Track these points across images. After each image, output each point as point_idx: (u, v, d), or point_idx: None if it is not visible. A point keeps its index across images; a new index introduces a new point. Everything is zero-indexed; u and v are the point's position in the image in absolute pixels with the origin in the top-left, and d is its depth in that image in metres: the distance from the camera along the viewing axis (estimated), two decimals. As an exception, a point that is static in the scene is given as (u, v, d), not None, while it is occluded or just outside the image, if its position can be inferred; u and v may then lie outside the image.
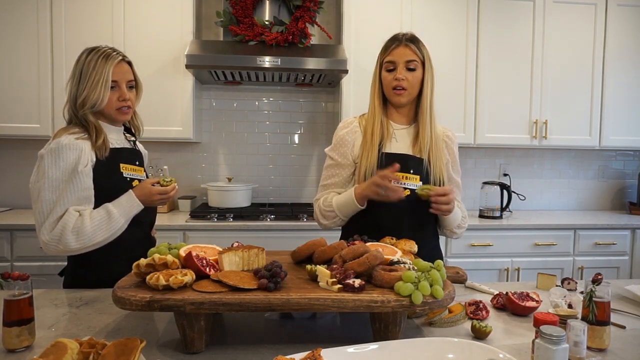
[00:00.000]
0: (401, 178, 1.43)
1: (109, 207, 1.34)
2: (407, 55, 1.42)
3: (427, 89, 1.43)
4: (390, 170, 1.31)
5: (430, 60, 1.46)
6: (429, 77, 1.44)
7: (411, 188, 1.43)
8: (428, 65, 1.44)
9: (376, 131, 1.46)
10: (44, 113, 2.57)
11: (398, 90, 1.43)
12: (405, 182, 1.43)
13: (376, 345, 0.88)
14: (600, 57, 2.95)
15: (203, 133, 3.04)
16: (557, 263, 2.71)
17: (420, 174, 1.44)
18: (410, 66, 1.42)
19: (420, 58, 1.43)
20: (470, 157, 3.26)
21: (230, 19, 2.64)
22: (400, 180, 1.43)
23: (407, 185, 1.43)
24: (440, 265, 1.01)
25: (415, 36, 1.47)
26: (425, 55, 1.44)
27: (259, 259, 1.09)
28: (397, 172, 1.36)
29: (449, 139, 1.51)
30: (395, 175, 1.33)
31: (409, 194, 1.42)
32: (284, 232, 2.50)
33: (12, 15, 2.53)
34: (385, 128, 1.48)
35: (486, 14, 2.83)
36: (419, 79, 1.43)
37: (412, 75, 1.42)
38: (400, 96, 1.44)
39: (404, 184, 1.43)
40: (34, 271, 2.30)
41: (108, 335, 1.03)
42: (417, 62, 1.42)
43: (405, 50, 1.43)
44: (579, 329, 0.86)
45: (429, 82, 1.43)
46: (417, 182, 1.44)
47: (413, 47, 1.43)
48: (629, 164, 3.42)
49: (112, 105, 1.40)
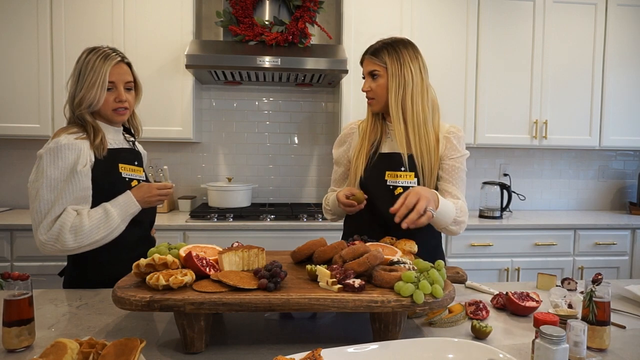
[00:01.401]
0: (393, 176, 1.47)
1: (106, 206, 1.35)
2: (369, 66, 1.48)
3: (391, 94, 1.44)
4: (349, 191, 1.43)
5: (399, 63, 1.43)
6: (393, 82, 1.43)
7: (404, 185, 1.45)
8: (394, 71, 1.43)
9: (367, 132, 1.53)
10: (44, 113, 2.57)
11: (369, 100, 1.51)
12: (397, 180, 1.46)
13: (376, 345, 0.88)
14: (600, 57, 2.95)
15: (203, 133, 3.04)
16: (557, 263, 2.71)
17: (414, 170, 1.46)
18: (374, 74, 1.48)
19: (383, 66, 1.45)
20: (470, 157, 3.23)
21: (230, 19, 2.64)
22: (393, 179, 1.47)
23: (399, 183, 1.46)
24: (441, 265, 1.01)
25: (380, 46, 1.46)
26: (388, 62, 1.44)
27: (259, 259, 1.09)
28: (388, 170, 1.46)
29: (450, 133, 1.49)
30: (352, 193, 1.42)
31: (401, 191, 1.44)
32: (284, 232, 2.50)
33: (12, 15, 2.53)
34: (380, 128, 1.54)
35: (486, 14, 2.83)
36: (383, 86, 1.46)
37: (376, 84, 1.47)
38: (371, 105, 1.52)
39: (396, 182, 1.46)
40: (34, 271, 2.30)
41: (108, 335, 1.03)
42: (378, 70, 1.46)
43: (367, 62, 1.49)
44: (579, 329, 0.86)
45: (393, 87, 1.43)
46: (412, 178, 1.45)
47: (374, 58, 1.46)
48: (629, 164, 3.42)
49: (108, 106, 1.40)
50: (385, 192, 1.46)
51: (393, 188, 1.46)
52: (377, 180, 1.48)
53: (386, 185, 1.47)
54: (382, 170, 1.48)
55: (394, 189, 1.46)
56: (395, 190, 1.46)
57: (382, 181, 1.47)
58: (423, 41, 2.77)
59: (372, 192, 1.48)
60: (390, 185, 1.47)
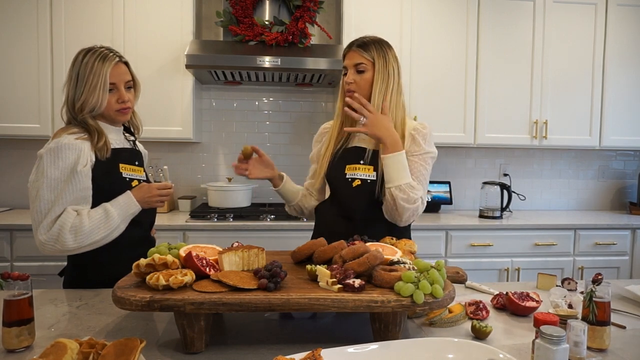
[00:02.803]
0: (352, 169, 1.50)
1: (106, 206, 1.34)
2: (355, 58, 1.48)
3: (375, 89, 1.46)
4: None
5: (384, 59, 1.46)
6: (379, 77, 1.45)
7: (361, 178, 1.48)
8: (380, 65, 1.46)
9: (335, 130, 1.56)
10: (44, 113, 2.57)
11: (349, 93, 1.49)
12: (355, 173, 1.50)
13: (376, 345, 0.88)
14: (600, 57, 2.95)
15: (203, 133, 3.04)
16: (557, 263, 2.71)
17: (375, 164, 1.48)
18: (359, 68, 1.47)
19: (370, 60, 1.47)
20: (470, 157, 3.26)
21: (230, 19, 2.64)
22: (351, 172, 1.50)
23: (357, 175, 1.49)
24: (441, 265, 1.01)
25: (368, 41, 1.49)
26: (376, 57, 1.46)
27: (259, 259, 1.09)
28: (348, 164, 1.49)
29: (415, 131, 1.50)
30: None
31: (359, 183, 1.48)
32: (284, 232, 2.50)
33: (12, 15, 2.53)
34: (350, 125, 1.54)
35: (486, 14, 2.83)
36: (368, 80, 1.47)
37: (360, 77, 1.47)
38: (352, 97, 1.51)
39: (354, 174, 1.49)
40: (34, 271, 2.30)
41: (108, 335, 1.03)
42: (365, 64, 1.46)
43: (353, 55, 1.49)
44: (579, 329, 0.86)
45: (378, 82, 1.46)
46: (370, 172, 1.48)
47: (361, 51, 1.47)
48: (629, 164, 3.42)
49: (111, 107, 1.40)
50: (344, 185, 1.50)
51: (351, 180, 1.49)
52: (337, 172, 1.52)
53: (345, 178, 1.50)
54: (343, 164, 1.52)
55: (352, 181, 1.49)
56: (354, 182, 1.49)
57: (342, 174, 1.51)
58: (423, 41, 2.78)
59: (334, 185, 1.55)
60: (348, 178, 1.50)
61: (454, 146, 3.01)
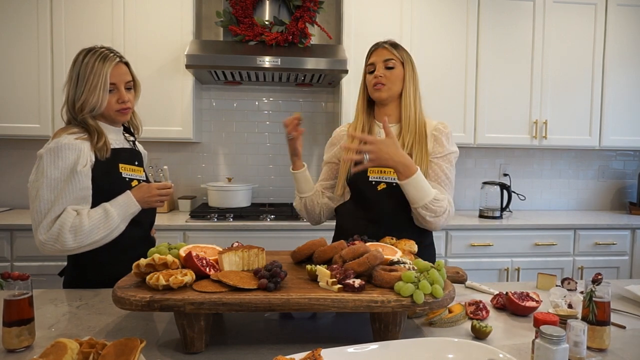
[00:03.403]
0: (377, 172, 1.48)
1: (106, 206, 1.34)
2: (385, 55, 1.50)
3: (408, 86, 1.49)
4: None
5: (411, 63, 1.52)
6: (409, 76, 1.49)
7: (387, 181, 1.47)
8: (408, 67, 1.51)
9: (357, 131, 1.55)
10: (44, 113, 2.57)
11: (377, 86, 1.49)
12: (380, 176, 1.48)
13: (376, 345, 0.88)
14: (600, 57, 2.95)
15: (203, 133, 3.04)
16: (557, 263, 2.71)
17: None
18: (388, 65, 1.49)
19: (399, 58, 1.50)
20: (470, 157, 3.26)
21: (230, 19, 2.64)
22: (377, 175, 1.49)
23: (383, 178, 1.48)
24: (441, 265, 1.01)
25: (397, 42, 1.54)
26: (405, 58, 1.51)
27: (259, 259, 1.09)
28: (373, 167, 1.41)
29: (438, 131, 1.50)
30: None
31: (384, 187, 1.47)
32: (284, 232, 2.50)
33: (12, 15, 2.53)
34: (370, 128, 1.55)
35: (486, 14, 2.83)
36: (398, 76, 1.49)
37: (390, 73, 1.49)
38: (380, 91, 1.50)
39: (379, 177, 1.48)
40: (34, 271, 2.30)
41: (108, 335, 1.03)
42: (395, 60, 1.49)
43: (383, 51, 1.51)
44: (579, 329, 0.86)
45: (410, 80, 1.49)
46: (395, 175, 1.44)
47: (391, 48, 1.51)
48: (629, 164, 3.42)
49: (111, 107, 1.40)
50: (369, 188, 1.49)
51: (376, 184, 1.49)
52: (361, 175, 1.51)
53: (369, 181, 1.49)
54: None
55: (377, 185, 1.48)
56: (379, 185, 1.48)
57: (365, 177, 1.50)
58: (423, 41, 2.78)
59: (358, 187, 1.53)
60: (372, 181, 1.49)
61: (454, 146, 3.01)
